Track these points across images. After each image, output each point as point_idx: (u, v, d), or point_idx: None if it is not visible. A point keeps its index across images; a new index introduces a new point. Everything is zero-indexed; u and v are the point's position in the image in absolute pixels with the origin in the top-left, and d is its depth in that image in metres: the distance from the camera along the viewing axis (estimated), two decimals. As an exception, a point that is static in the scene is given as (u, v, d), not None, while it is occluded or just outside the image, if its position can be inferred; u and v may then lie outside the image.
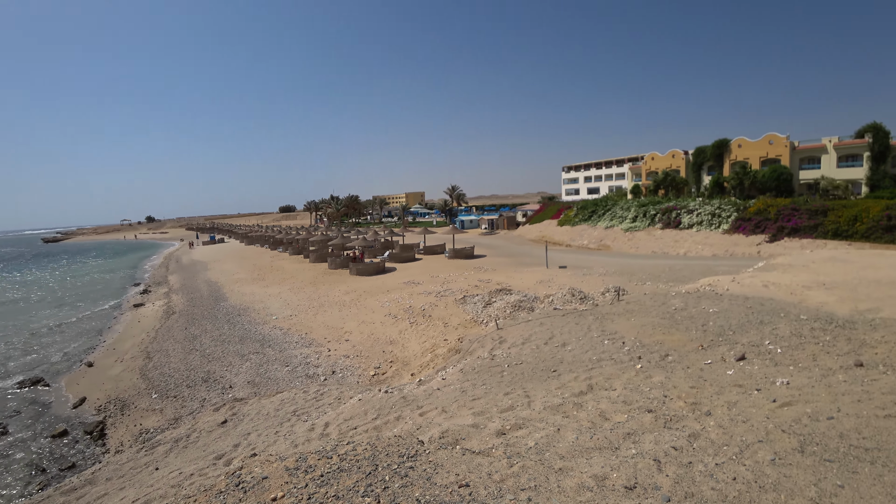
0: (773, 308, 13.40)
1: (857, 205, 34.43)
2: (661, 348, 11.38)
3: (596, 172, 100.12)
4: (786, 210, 36.69)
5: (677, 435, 5.23)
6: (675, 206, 46.80)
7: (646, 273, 27.23)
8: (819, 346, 9.01)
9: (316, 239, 54.57)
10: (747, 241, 36.63)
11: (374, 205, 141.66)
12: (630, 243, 45.00)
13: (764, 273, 18.80)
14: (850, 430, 4.67)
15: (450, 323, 20.73)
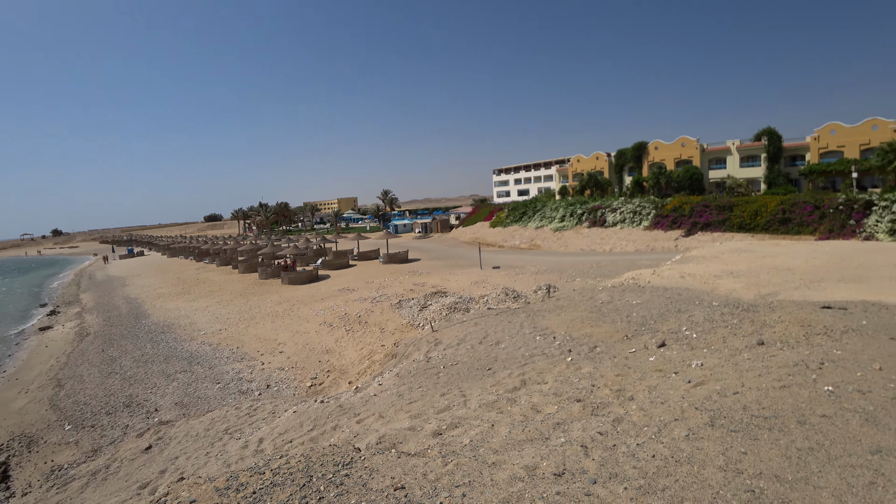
0: (690, 297, 14.35)
1: (758, 201, 37.69)
2: (590, 340, 11.89)
3: (525, 175, 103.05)
4: (698, 207, 39.54)
5: (603, 421, 5.47)
6: (599, 205, 49.15)
7: (575, 270, 28.34)
8: (728, 329, 9.77)
9: (245, 248, 52.37)
10: (666, 236, 39.15)
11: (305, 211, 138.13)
12: (559, 242, 46.76)
13: (681, 265, 20.11)
14: (752, 402, 5.09)
15: (386, 328, 20.58)
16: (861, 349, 6.90)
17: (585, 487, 4.06)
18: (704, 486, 3.83)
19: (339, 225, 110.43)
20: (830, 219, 32.42)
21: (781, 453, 4.13)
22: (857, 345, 7.14)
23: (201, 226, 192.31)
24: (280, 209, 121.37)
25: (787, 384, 5.48)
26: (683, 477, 3.97)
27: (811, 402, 4.97)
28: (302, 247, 46.71)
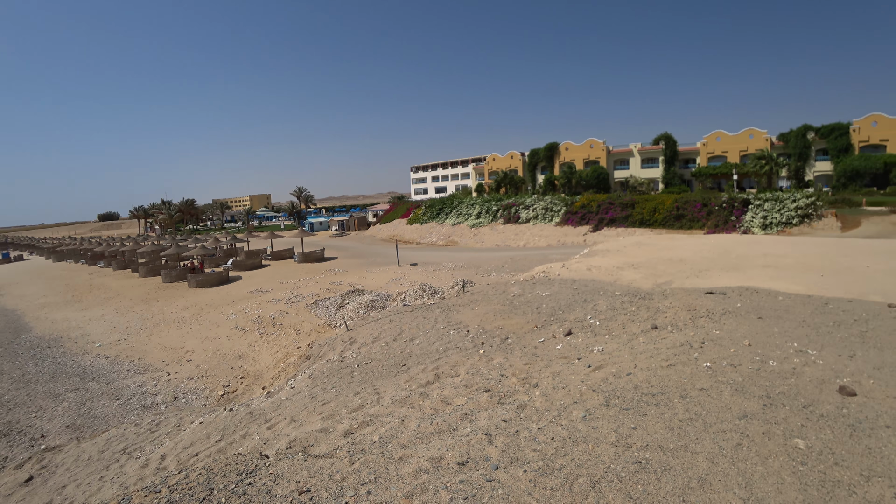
0: (595, 288, 15.17)
1: (656, 199, 40.77)
2: (502, 332, 12.20)
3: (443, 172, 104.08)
4: (604, 204, 42.04)
5: (508, 408, 5.61)
6: (514, 202, 50.77)
7: (490, 265, 29.04)
8: (627, 316, 10.43)
9: (146, 250, 48.27)
10: (575, 231, 41.25)
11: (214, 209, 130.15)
12: (476, 238, 47.76)
13: (588, 258, 21.24)
14: (642, 381, 5.45)
15: (302, 329, 19.91)
16: (735, 328, 7.64)
17: (487, 473, 4.13)
18: (598, 461, 4.03)
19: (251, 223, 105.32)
20: (716, 215, 35.84)
21: (665, 426, 4.45)
22: (733, 325, 7.90)
23: (95, 226, 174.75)
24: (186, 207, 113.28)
25: (674, 363, 5.93)
26: (579, 455, 4.16)
27: (692, 378, 5.42)
28: (211, 247, 43.93)
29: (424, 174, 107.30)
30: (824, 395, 5.08)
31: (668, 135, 68.40)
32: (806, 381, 5.42)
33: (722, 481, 3.69)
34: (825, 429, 4.41)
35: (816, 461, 3.95)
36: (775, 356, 6.21)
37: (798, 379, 5.45)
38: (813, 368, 5.81)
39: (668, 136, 68.34)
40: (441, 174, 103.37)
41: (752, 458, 3.95)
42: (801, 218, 32.87)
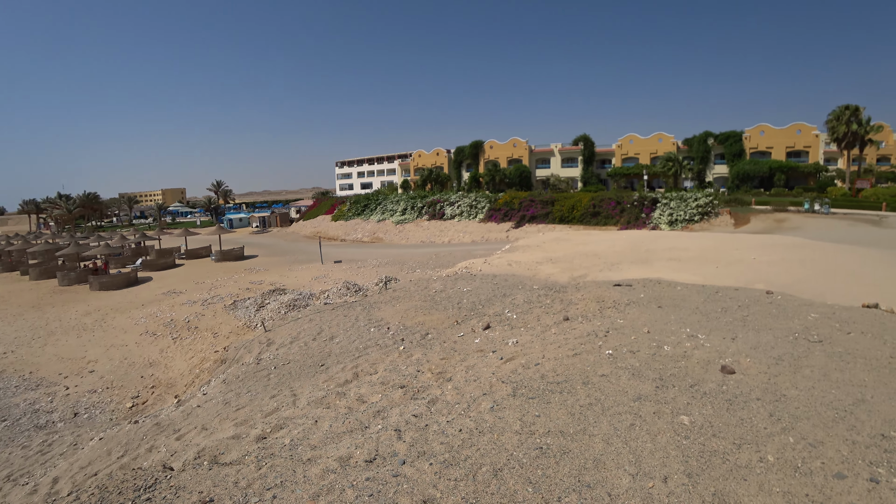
0: (514, 282, 15.62)
1: (574, 197, 42.74)
2: (423, 328, 12.26)
3: (369, 168, 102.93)
4: (526, 201, 43.45)
5: (420, 404, 5.64)
6: (439, 199, 51.21)
7: (415, 261, 29.11)
8: (542, 308, 10.83)
9: (38, 249, 43.43)
10: (498, 227, 42.31)
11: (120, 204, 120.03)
12: (401, 235, 47.72)
13: (509, 254, 21.83)
14: (548, 371, 5.67)
15: (220, 332, 18.91)
16: (637, 317, 8.16)
17: (394, 469, 4.12)
18: (502, 450, 4.14)
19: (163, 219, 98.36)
20: (628, 212, 38.18)
21: (567, 412, 4.66)
22: (635, 314, 8.43)
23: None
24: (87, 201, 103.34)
25: (579, 352, 6.23)
26: (484, 445, 4.25)
27: (595, 365, 5.72)
28: (116, 245, 40.44)
29: (350, 169, 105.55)
30: (709, 375, 5.55)
31: (587, 136, 72.01)
32: (694, 362, 5.90)
33: (615, 460, 3.92)
34: (707, 405, 4.82)
35: (698, 434, 4.30)
36: (670, 341, 6.70)
37: (687, 361, 5.92)
38: (701, 351, 6.33)
39: (587, 137, 71.94)
40: (367, 170, 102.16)
41: (643, 437, 4.23)
42: (702, 215, 35.80)
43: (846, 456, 4.11)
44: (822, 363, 6.11)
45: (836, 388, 5.41)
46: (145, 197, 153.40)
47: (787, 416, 4.73)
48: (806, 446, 4.22)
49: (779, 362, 6.05)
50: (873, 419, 4.76)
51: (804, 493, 3.64)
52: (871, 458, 4.10)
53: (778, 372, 5.74)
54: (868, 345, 6.98)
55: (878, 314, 8.90)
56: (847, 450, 4.20)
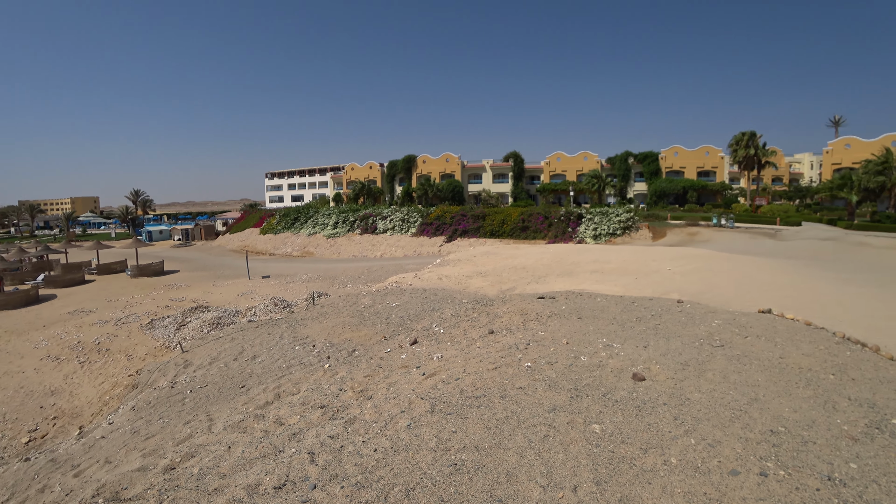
0: (444, 296, 15.65)
1: (505, 211, 43.82)
2: (350, 345, 11.97)
3: (300, 180, 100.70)
4: (458, 216, 44.01)
5: (337, 424, 5.45)
6: (371, 213, 50.81)
7: (346, 276, 28.55)
8: (469, 322, 10.90)
9: (-89, 266, 38.57)
10: (431, 241, 42.51)
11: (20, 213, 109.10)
12: (332, 249, 46.80)
13: (439, 268, 21.91)
14: (468, 385, 5.67)
15: (135, 354, 17.48)
16: (558, 329, 8.39)
17: (304, 494, 3.92)
18: (416, 468, 4.06)
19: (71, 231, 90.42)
20: (556, 227, 39.61)
21: (484, 426, 4.66)
22: (556, 325, 8.67)
23: None
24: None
25: (499, 365, 6.29)
26: (399, 465, 4.15)
27: (513, 378, 5.79)
28: (13, 259, 36.64)
29: (281, 181, 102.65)
30: (621, 383, 5.78)
31: (517, 153, 74.52)
32: (608, 371, 6.12)
33: (527, 472, 3.95)
34: (618, 412, 5.00)
35: (608, 442, 4.44)
36: (587, 352, 6.93)
37: (602, 371, 6.14)
38: (615, 360, 6.59)
39: (517, 154, 74.44)
40: (298, 182, 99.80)
41: (556, 448, 4.30)
42: (623, 229, 37.79)
43: (740, 453, 4.38)
44: (723, 366, 6.55)
45: (734, 390, 5.80)
46: (51, 205, 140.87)
47: (689, 418, 4.99)
48: (706, 447, 4.46)
49: (685, 367, 6.41)
50: (764, 416, 5.13)
51: (703, 492, 3.82)
52: (761, 453, 4.40)
53: (684, 377, 6.08)
54: (762, 347, 7.57)
55: (771, 318, 9.71)
56: (741, 447, 4.48)
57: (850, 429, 4.96)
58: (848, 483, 3.97)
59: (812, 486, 3.90)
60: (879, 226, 35.57)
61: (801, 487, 3.88)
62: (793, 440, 4.65)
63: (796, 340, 8.09)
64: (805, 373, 6.51)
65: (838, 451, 4.48)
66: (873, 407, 5.51)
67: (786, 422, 5.02)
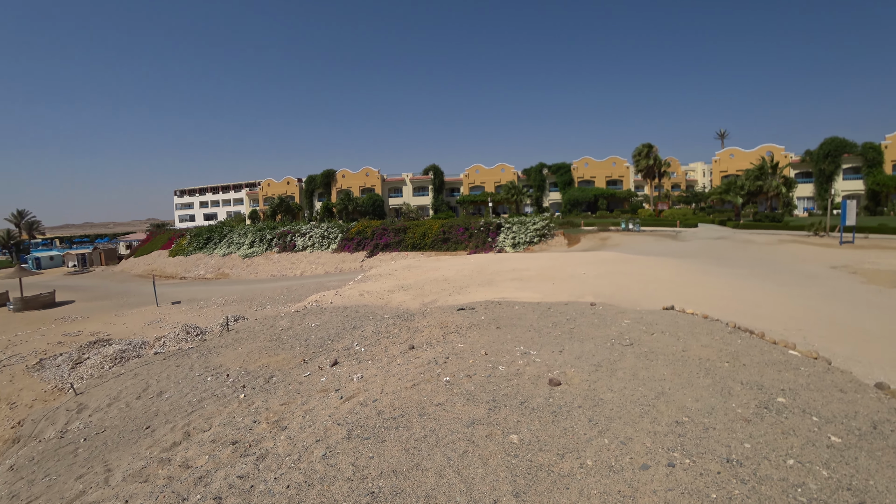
0: (365, 313, 15.31)
1: (425, 224, 44.06)
2: (266, 371, 11.34)
3: (213, 197, 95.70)
4: (379, 230, 43.65)
5: (248, 461, 5.07)
6: (290, 230, 49.19)
7: (265, 297, 27.27)
8: (390, 338, 10.70)
9: None
10: (352, 257, 41.81)
11: None
12: (249, 269, 44.68)
13: (361, 284, 21.49)
14: (386, 406, 5.51)
15: (19, 401, 15.42)
16: (477, 340, 8.45)
17: (206, 547, 3.58)
18: (330, 503, 3.84)
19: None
20: (476, 237, 40.37)
21: (402, 448, 4.52)
22: (475, 336, 8.73)
23: None
24: None
25: (418, 382, 6.18)
26: (313, 500, 3.90)
27: (432, 395, 5.70)
28: None
29: (191, 199, 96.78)
30: (538, 390, 5.87)
31: (436, 166, 75.66)
32: (525, 379, 6.21)
33: (446, 493, 3.86)
34: (535, 420, 5.06)
35: (526, 451, 4.46)
36: (504, 361, 7.01)
37: (520, 379, 6.22)
38: (532, 367, 6.70)
39: (436, 167, 75.56)
40: (211, 199, 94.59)
41: (475, 463, 4.25)
42: (540, 237, 39.25)
43: (649, 447, 4.56)
44: (632, 364, 6.87)
45: (643, 386, 6.08)
46: None
47: (603, 418, 5.15)
48: (618, 445, 4.61)
49: (598, 369, 6.65)
50: (670, 409, 5.41)
51: (617, 490, 3.92)
52: (668, 444, 4.61)
53: (597, 378, 6.30)
54: (666, 342, 8.05)
55: (674, 314, 10.40)
56: (650, 441, 4.67)
57: (744, 411, 5.35)
58: (744, 462, 4.26)
59: (713, 470, 4.13)
60: (760, 224, 39.80)
61: (704, 473, 4.10)
62: (696, 428, 4.93)
63: (696, 333, 8.69)
64: (704, 363, 6.98)
65: (734, 434, 4.80)
66: (762, 388, 6.00)
67: (689, 412, 5.32)
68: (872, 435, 4.84)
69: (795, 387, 6.08)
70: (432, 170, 75.13)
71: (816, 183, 57.85)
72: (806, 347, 8.21)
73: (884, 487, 3.92)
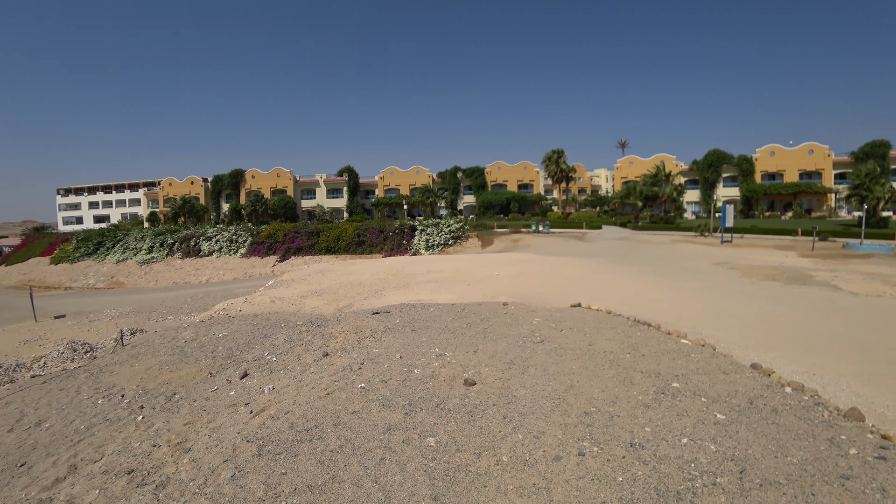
0: (277, 321, 14.65)
1: (340, 227, 43.21)
2: (168, 388, 10.46)
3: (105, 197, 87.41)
4: (291, 233, 42.10)
5: (146, 491, 4.63)
6: (194, 233, 46.03)
7: (167, 307, 25.26)
8: (303, 346, 10.32)
9: None
10: (262, 262, 39.96)
11: None
12: (148, 277, 41.20)
13: (272, 290, 20.57)
14: (299, 418, 5.29)
15: None
16: (392, 344, 8.38)
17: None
18: (239, 526, 3.60)
19: None
20: (391, 240, 40.21)
21: (317, 461, 4.35)
22: (391, 340, 8.66)
23: None
24: None
25: (332, 390, 6.00)
26: (218, 525, 3.65)
27: (346, 403, 5.56)
28: None
29: (79, 198, 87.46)
30: (453, 391, 5.93)
31: (351, 168, 74.53)
32: (441, 381, 6.24)
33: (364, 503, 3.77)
34: (451, 421, 5.09)
35: (443, 453, 4.47)
36: (420, 364, 7.01)
37: (435, 381, 6.24)
38: (448, 368, 6.76)
39: (351, 168, 74.42)
40: (103, 199, 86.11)
41: (393, 470, 4.19)
42: (455, 239, 39.89)
43: (561, 439, 4.75)
44: (543, 360, 7.14)
45: (553, 380, 6.34)
46: None
47: (516, 415, 5.29)
48: (532, 439, 4.75)
49: (511, 366, 6.84)
50: (579, 401, 5.68)
51: (532, 483, 4.04)
52: (578, 435, 4.83)
53: (510, 376, 6.48)
54: (574, 338, 8.47)
55: (581, 311, 10.98)
56: (561, 433, 4.87)
57: (644, 398, 5.74)
58: (645, 445, 4.57)
59: (619, 455, 4.39)
60: (656, 226, 43.52)
61: (611, 458, 4.35)
62: (602, 417, 5.21)
63: (601, 328, 9.23)
64: (609, 356, 7.42)
65: (636, 420, 5.14)
66: (658, 376, 6.49)
67: (596, 402, 5.62)
68: (750, 409, 5.41)
69: (687, 372, 6.64)
70: (347, 171, 73.92)
71: (702, 189, 65.21)
72: (695, 336, 9.00)
73: (760, 455, 4.39)
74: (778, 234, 35.27)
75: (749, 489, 3.87)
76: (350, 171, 73.94)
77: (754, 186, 61.74)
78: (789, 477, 4.05)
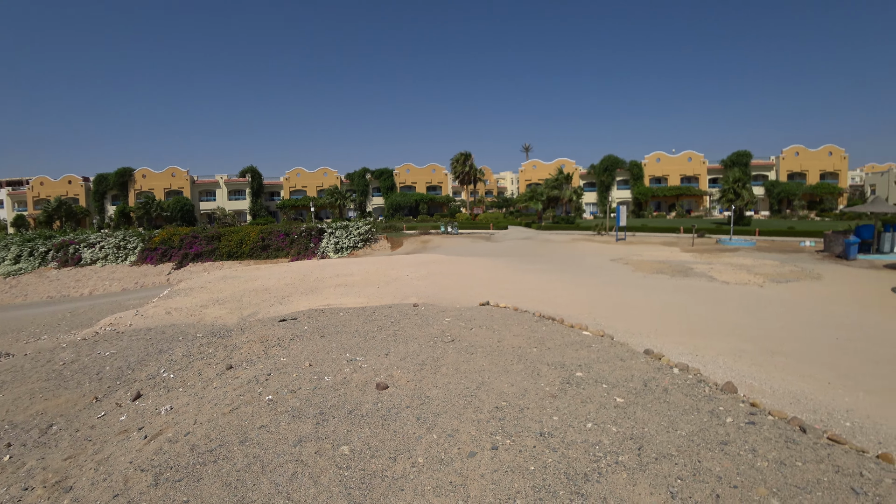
0: (174, 334, 13.55)
1: (243, 230, 40.92)
2: (44, 419, 9.25)
3: (-48, 205, 75.77)
4: (188, 238, 39.14)
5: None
6: (73, 240, 41.16)
7: (39, 325, 22.34)
8: (204, 360, 9.65)
9: None
10: (156, 270, 36.80)
11: None
12: (15, 291, 36.19)
13: (168, 300, 19.00)
14: (201, 438, 4.94)
15: None
16: (300, 352, 8.10)
17: None
18: (132, 562, 3.28)
19: None
20: (298, 244, 38.80)
21: (223, 482, 4.09)
22: (299, 348, 8.36)
23: None
24: None
25: (237, 405, 5.67)
26: (107, 564, 3.29)
27: (253, 417, 5.28)
28: None
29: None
30: (366, 396, 5.86)
31: (254, 168, 70.94)
32: (353, 387, 6.14)
33: (275, 521, 3.60)
34: (365, 427, 5.02)
35: (358, 461, 4.40)
36: (331, 370, 6.84)
37: (347, 387, 6.12)
38: (359, 373, 6.66)
39: (254, 169, 70.83)
40: (-51, 207, 74.52)
41: (307, 483, 4.05)
42: (364, 242, 39.38)
43: (475, 435, 4.86)
44: (454, 359, 7.27)
45: (465, 378, 6.47)
46: None
47: (430, 415, 5.34)
48: (446, 438, 4.82)
49: (423, 367, 6.89)
50: (490, 396, 5.85)
51: (449, 482, 4.09)
52: (490, 429, 4.97)
53: (422, 377, 6.52)
54: (484, 335, 8.71)
55: (489, 309, 11.32)
56: (475, 429, 4.98)
57: (551, 388, 6.04)
58: (553, 433, 4.81)
59: (530, 445, 4.59)
60: (557, 226, 46.29)
61: (522, 449, 4.53)
62: (513, 410, 5.41)
63: (509, 324, 9.58)
64: (517, 350, 7.71)
65: (544, 410, 5.40)
66: (564, 367, 6.86)
67: (506, 396, 5.82)
68: (644, 391, 5.91)
69: (589, 361, 7.09)
70: (250, 172, 70.29)
71: (599, 191, 71.02)
72: (595, 327, 9.64)
73: (654, 431, 4.82)
74: (664, 231, 39.11)
75: (647, 463, 4.23)
76: (253, 171, 70.36)
77: (644, 189, 68.53)
78: (679, 448, 4.48)
